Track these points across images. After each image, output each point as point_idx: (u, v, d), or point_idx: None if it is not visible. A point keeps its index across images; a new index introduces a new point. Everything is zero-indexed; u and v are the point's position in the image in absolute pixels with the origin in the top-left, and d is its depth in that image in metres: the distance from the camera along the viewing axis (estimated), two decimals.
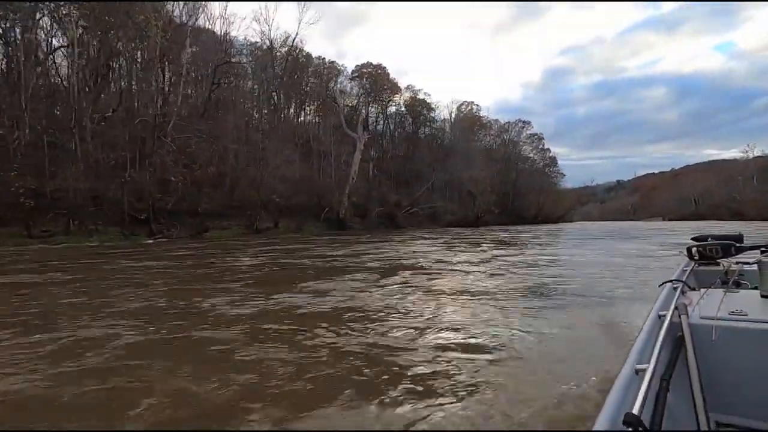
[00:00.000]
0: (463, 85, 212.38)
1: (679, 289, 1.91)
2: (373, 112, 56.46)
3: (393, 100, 57.38)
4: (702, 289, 1.97)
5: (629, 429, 0.91)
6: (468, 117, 64.94)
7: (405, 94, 57.86)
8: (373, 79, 54.13)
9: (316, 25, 56.87)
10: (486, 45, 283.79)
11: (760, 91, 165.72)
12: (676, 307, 1.63)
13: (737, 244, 2.47)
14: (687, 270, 2.40)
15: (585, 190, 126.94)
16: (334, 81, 47.20)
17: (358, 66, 53.95)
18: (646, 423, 0.99)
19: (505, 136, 70.83)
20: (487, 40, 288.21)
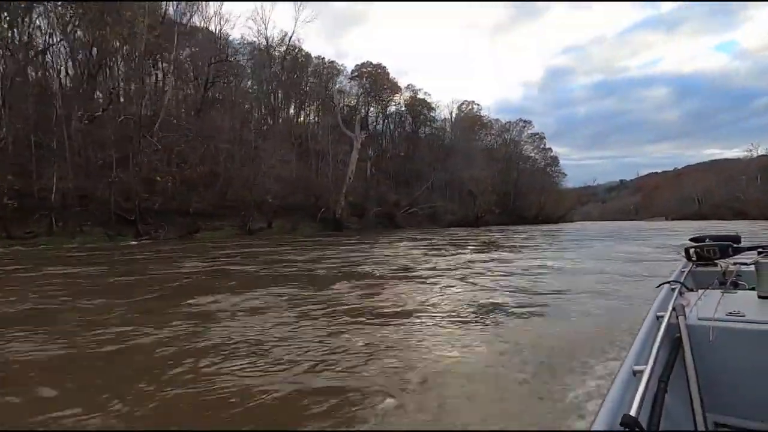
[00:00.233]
0: (464, 85, 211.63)
1: (676, 290, 1.92)
2: (373, 112, 56.25)
3: (393, 100, 57.17)
4: (700, 290, 1.98)
5: (626, 430, 0.90)
6: (468, 116, 64.61)
7: (405, 94, 57.69)
8: (373, 78, 53.92)
9: (316, 25, 57.38)
10: (486, 45, 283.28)
11: (761, 91, 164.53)
12: (673, 308, 1.63)
13: (735, 245, 2.48)
14: (685, 271, 2.40)
15: (586, 190, 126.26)
16: (332, 80, 46.72)
17: (357, 65, 53.79)
18: (644, 424, 0.98)
19: (506, 135, 70.42)
20: (486, 40, 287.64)
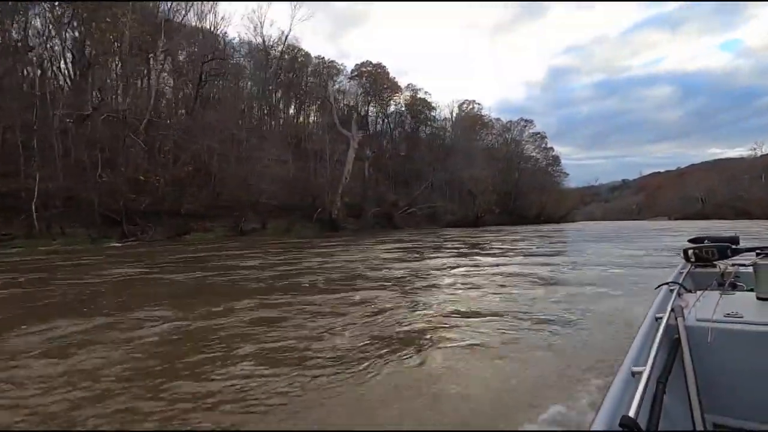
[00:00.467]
0: (466, 85, 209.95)
1: (675, 291, 1.94)
2: (373, 112, 55.91)
3: (393, 100, 56.81)
4: (698, 291, 1.98)
5: (625, 431, 0.90)
6: (469, 116, 64.16)
7: (405, 94, 57.31)
8: (373, 78, 53.63)
9: (317, 25, 57.65)
10: (487, 45, 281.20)
11: (764, 90, 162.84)
12: (672, 309, 1.65)
13: (733, 246, 2.48)
14: (683, 272, 2.41)
15: (588, 190, 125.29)
16: (329, 80, 46.29)
17: (357, 65, 53.54)
18: (642, 425, 0.98)
19: (507, 135, 69.90)
20: (488, 40, 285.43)
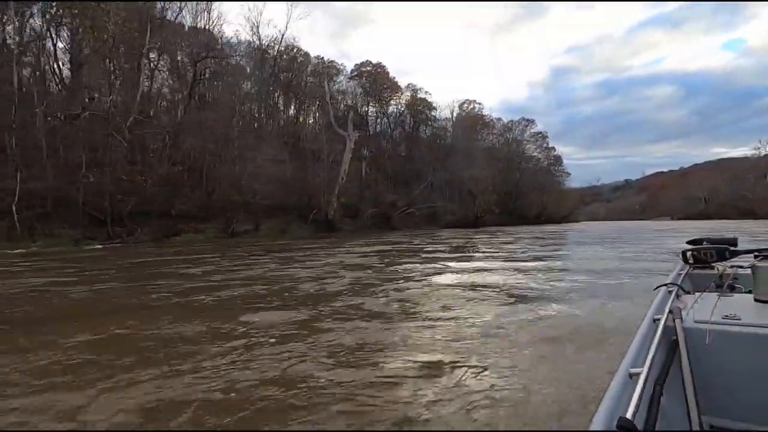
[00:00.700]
0: (468, 86, 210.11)
1: (673, 293, 1.94)
2: (373, 112, 55.52)
3: (393, 99, 56.39)
4: (696, 293, 1.95)
5: None
6: (470, 116, 63.70)
7: (405, 93, 56.92)
8: (373, 78, 53.25)
9: (318, 26, 56.88)
10: (489, 45, 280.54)
11: (766, 90, 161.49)
12: (670, 311, 1.63)
13: (732, 248, 2.47)
14: (682, 274, 2.40)
15: (591, 190, 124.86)
16: (326, 79, 45.87)
17: (357, 65, 53.20)
18: (640, 427, 0.98)
19: (509, 135, 69.40)
20: (490, 40, 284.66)
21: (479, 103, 65.58)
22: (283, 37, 41.79)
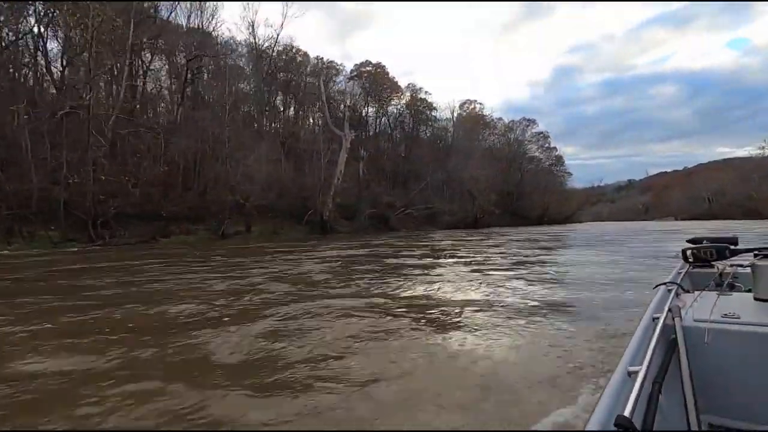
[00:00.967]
0: (470, 86, 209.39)
1: (673, 292, 1.92)
2: (373, 112, 55.05)
3: (393, 100, 55.88)
4: (696, 292, 1.94)
5: (620, 430, 0.89)
6: (471, 116, 63.12)
7: (405, 94, 56.41)
8: (373, 78, 52.75)
9: (320, 27, 56.32)
10: (492, 45, 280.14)
11: None
12: (669, 310, 1.62)
13: (732, 247, 2.45)
14: (682, 272, 2.39)
15: (594, 190, 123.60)
16: (322, 78, 45.34)
17: (356, 65, 52.79)
18: (638, 425, 0.97)
19: (510, 135, 68.77)
20: (493, 41, 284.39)
21: (480, 103, 65.19)
22: (278, 36, 41.27)
